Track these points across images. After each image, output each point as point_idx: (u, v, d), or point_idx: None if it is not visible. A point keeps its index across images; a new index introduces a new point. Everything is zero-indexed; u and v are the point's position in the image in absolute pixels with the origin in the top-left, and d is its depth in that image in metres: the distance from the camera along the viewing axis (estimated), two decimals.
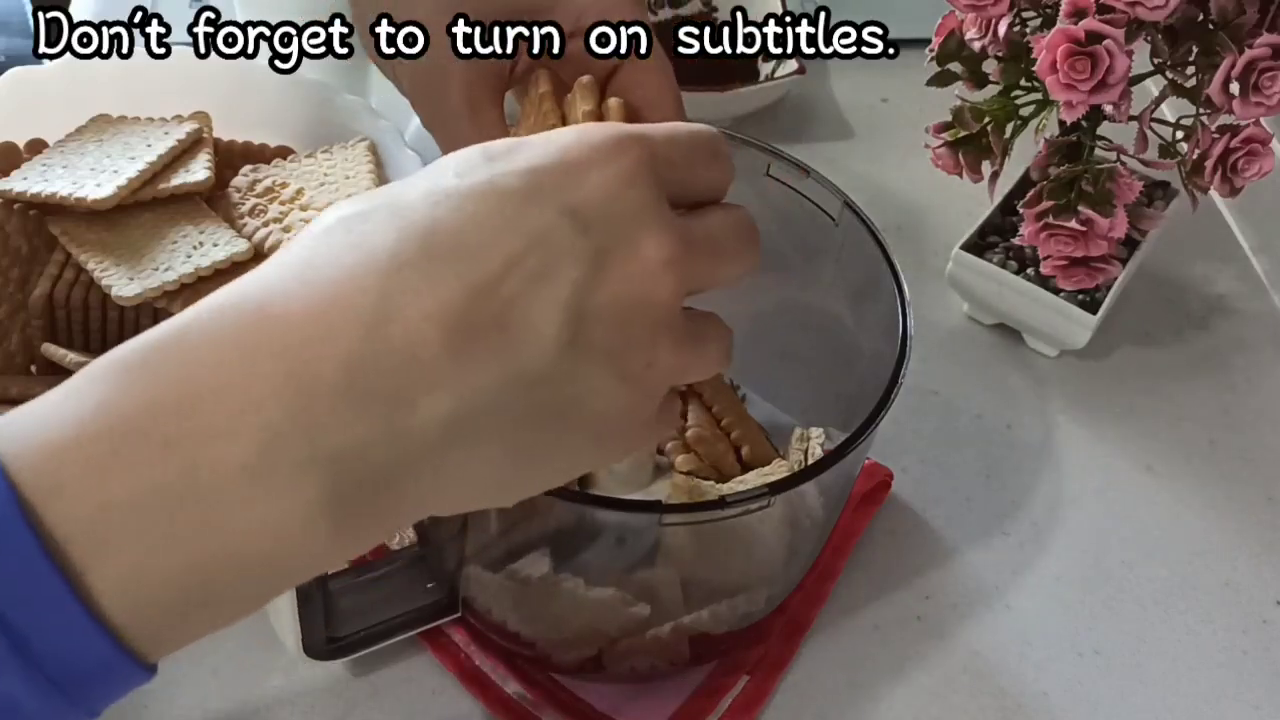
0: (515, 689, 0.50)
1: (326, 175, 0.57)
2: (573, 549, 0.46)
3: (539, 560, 0.46)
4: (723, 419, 0.54)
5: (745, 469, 0.53)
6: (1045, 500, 0.61)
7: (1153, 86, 0.62)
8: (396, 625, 0.48)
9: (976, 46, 0.61)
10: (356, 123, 0.61)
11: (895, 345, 0.46)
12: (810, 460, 0.52)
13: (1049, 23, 0.58)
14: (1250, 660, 0.56)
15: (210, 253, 0.52)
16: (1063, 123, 0.57)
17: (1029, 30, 0.59)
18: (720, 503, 0.41)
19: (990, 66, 0.61)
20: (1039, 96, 0.60)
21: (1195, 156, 0.58)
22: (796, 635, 0.54)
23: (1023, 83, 0.60)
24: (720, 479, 0.52)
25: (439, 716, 0.50)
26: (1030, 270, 0.65)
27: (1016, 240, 0.65)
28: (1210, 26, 0.56)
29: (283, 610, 0.45)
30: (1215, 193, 0.59)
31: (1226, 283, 0.74)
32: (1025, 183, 0.66)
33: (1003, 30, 0.58)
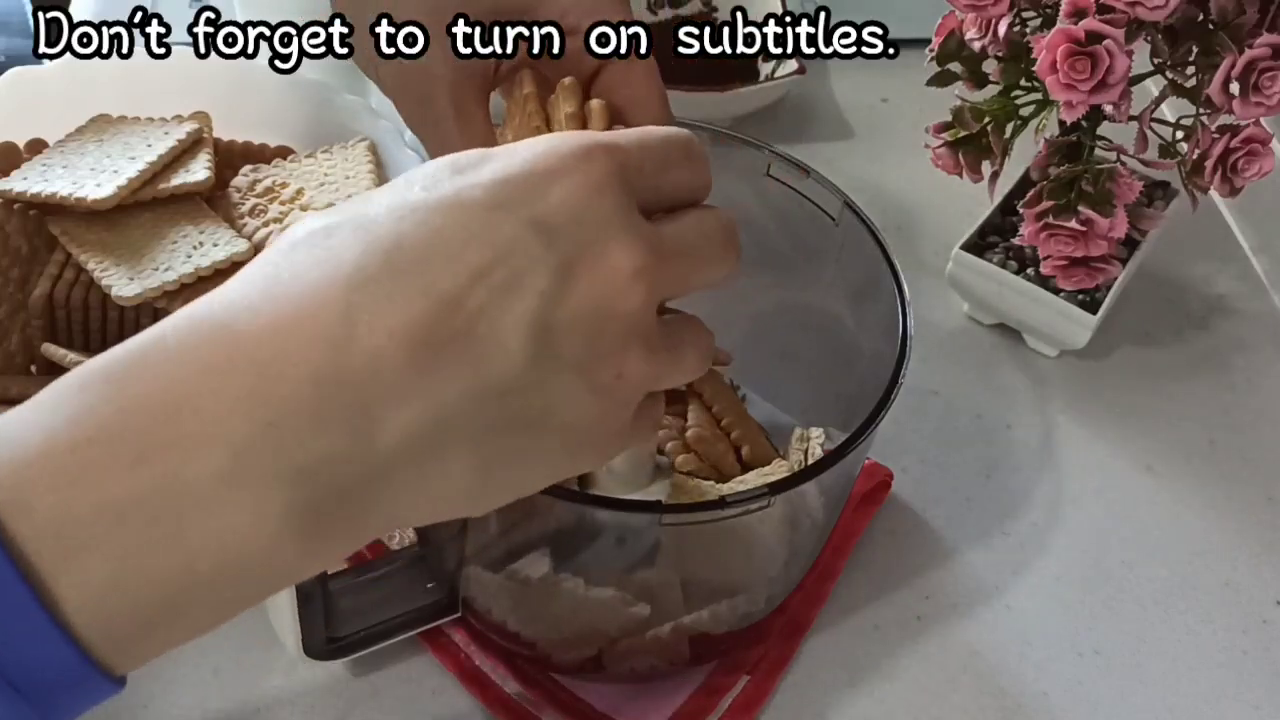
0: (515, 689, 0.50)
1: (326, 175, 0.57)
2: (573, 549, 0.46)
3: (539, 560, 0.46)
4: (723, 419, 0.54)
5: (745, 469, 0.53)
6: (1045, 500, 0.61)
7: (1153, 86, 0.62)
8: (396, 625, 0.48)
9: (976, 46, 0.61)
10: (356, 123, 0.61)
11: (895, 345, 0.46)
12: (810, 460, 0.52)
13: (1049, 23, 0.58)
14: (1250, 660, 0.56)
15: (210, 253, 0.52)
16: (1063, 123, 0.57)
17: (1029, 30, 0.59)
18: (720, 503, 0.41)
19: (990, 66, 0.61)
20: (1039, 96, 0.60)
21: (1195, 156, 0.58)
22: (796, 635, 0.54)
23: (1023, 83, 0.60)
24: (720, 479, 0.52)
25: (439, 716, 0.50)
26: (1030, 270, 0.65)
27: (1016, 240, 0.65)
28: (1210, 26, 0.56)
29: (283, 610, 0.45)
30: (1215, 193, 0.59)
31: (1226, 283, 0.74)
32: (1025, 183, 0.66)
33: (1003, 30, 0.58)
